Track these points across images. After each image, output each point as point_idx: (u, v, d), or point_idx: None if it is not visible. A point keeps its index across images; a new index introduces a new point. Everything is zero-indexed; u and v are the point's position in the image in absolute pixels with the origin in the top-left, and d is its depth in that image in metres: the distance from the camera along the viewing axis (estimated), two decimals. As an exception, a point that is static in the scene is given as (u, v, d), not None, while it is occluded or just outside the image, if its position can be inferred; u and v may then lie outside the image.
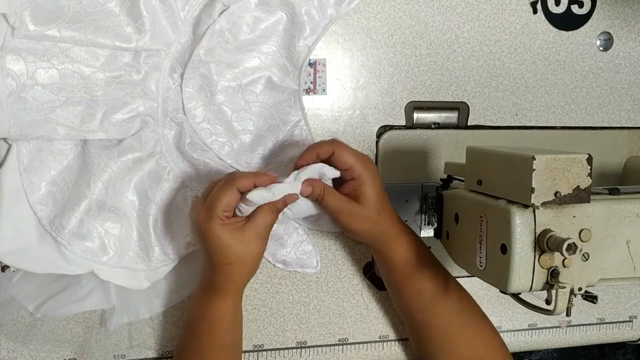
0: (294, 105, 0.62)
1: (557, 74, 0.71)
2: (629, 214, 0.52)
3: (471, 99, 0.69)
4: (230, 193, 0.52)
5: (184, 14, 0.59)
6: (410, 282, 0.61)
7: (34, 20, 0.53)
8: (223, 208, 0.52)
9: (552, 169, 0.47)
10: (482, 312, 0.64)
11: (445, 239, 0.62)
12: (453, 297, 0.61)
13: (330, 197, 0.56)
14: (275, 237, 0.65)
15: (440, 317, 0.61)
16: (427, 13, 0.66)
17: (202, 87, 0.60)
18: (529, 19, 0.69)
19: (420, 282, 0.61)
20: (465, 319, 0.62)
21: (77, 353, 0.63)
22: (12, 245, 0.56)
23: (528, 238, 0.48)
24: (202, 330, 0.57)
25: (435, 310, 0.61)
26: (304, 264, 0.66)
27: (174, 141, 0.61)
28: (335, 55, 0.65)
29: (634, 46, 0.73)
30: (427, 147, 0.68)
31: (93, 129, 0.57)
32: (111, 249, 0.59)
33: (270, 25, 0.60)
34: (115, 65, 0.57)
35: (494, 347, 0.62)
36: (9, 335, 0.61)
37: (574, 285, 0.49)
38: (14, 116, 0.54)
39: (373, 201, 0.57)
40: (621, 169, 0.74)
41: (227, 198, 0.52)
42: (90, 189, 0.57)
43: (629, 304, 0.78)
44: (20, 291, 0.59)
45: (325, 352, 0.69)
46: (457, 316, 0.61)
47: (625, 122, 0.74)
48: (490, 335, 0.62)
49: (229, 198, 0.52)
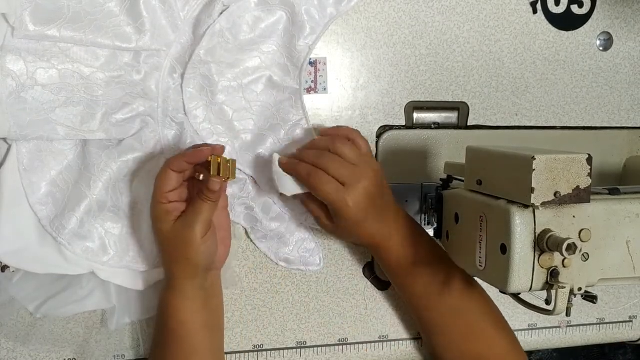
0: (295, 104, 0.62)
1: (557, 74, 0.71)
2: (629, 214, 0.52)
3: (471, 99, 0.69)
4: (167, 174, 0.53)
5: (184, 14, 0.59)
6: (407, 281, 0.61)
7: (34, 20, 0.53)
8: (162, 189, 0.53)
9: (552, 169, 0.47)
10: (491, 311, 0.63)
11: (445, 239, 0.62)
12: (453, 295, 0.61)
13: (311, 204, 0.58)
14: (277, 235, 0.65)
15: (439, 315, 0.61)
16: (427, 13, 0.66)
17: (203, 88, 0.60)
18: (529, 19, 0.69)
19: (415, 284, 0.61)
20: (468, 319, 0.61)
21: (77, 353, 0.63)
22: (12, 245, 0.56)
23: (528, 238, 0.48)
24: (163, 330, 0.56)
25: (435, 308, 0.61)
26: (307, 262, 0.66)
27: (174, 141, 0.61)
28: (335, 55, 0.65)
29: (634, 46, 0.73)
30: (427, 147, 0.68)
31: (93, 129, 0.57)
32: (112, 249, 0.59)
33: (271, 24, 0.60)
34: (115, 66, 0.57)
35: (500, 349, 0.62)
36: (9, 336, 0.61)
37: (573, 285, 0.49)
38: (14, 116, 0.54)
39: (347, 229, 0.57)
40: (621, 169, 0.74)
41: (164, 179, 0.53)
42: (90, 189, 0.57)
43: (629, 304, 0.78)
44: (21, 291, 0.59)
45: (325, 352, 0.69)
46: (456, 316, 0.61)
47: (625, 122, 0.74)
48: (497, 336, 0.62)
49: (166, 179, 0.53)
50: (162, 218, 0.53)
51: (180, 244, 0.53)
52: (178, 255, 0.54)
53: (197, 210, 0.53)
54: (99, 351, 0.63)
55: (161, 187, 0.53)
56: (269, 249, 0.65)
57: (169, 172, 0.53)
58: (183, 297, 0.55)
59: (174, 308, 0.55)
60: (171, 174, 0.53)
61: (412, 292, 0.62)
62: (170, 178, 0.53)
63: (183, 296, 0.55)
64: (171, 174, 0.53)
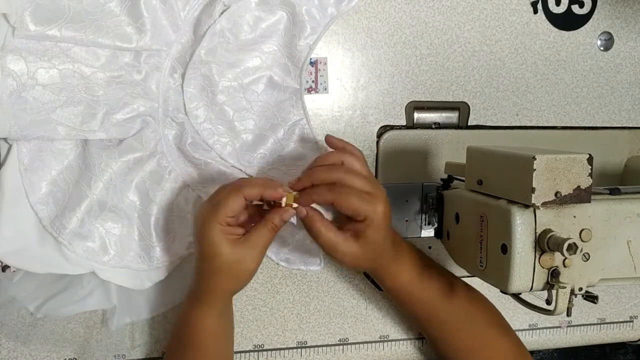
0: (295, 104, 0.62)
1: (557, 74, 0.71)
2: (630, 214, 0.52)
3: (472, 98, 0.69)
4: (236, 199, 0.51)
5: (185, 14, 0.59)
6: (415, 290, 0.60)
7: (34, 20, 0.53)
8: (226, 213, 0.51)
9: (552, 169, 0.47)
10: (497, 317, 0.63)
11: (445, 239, 0.62)
12: (460, 300, 0.61)
13: (326, 231, 0.52)
14: (278, 235, 0.64)
15: (447, 321, 0.61)
16: (428, 13, 0.66)
17: (204, 88, 0.60)
18: (530, 19, 0.69)
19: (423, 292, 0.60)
20: (475, 325, 0.61)
21: (78, 353, 0.63)
22: (12, 245, 0.56)
23: (528, 238, 0.48)
24: (184, 340, 0.56)
25: (443, 313, 0.61)
26: (307, 261, 0.66)
27: (174, 141, 0.61)
28: (335, 55, 0.65)
29: (635, 46, 0.73)
30: (428, 147, 0.68)
31: (94, 129, 0.57)
32: (112, 249, 0.59)
33: (271, 24, 0.60)
34: (115, 65, 0.57)
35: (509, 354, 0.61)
36: (9, 335, 0.61)
37: (574, 285, 0.49)
38: (15, 116, 0.54)
39: (374, 244, 0.54)
40: (622, 169, 0.74)
41: (232, 203, 0.51)
42: (91, 189, 0.57)
43: (629, 304, 0.78)
44: (21, 291, 0.59)
45: (325, 352, 0.69)
46: (464, 322, 0.61)
47: (626, 122, 0.74)
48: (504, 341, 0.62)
49: (234, 204, 0.51)
50: (220, 241, 0.51)
51: (240, 269, 0.52)
52: (231, 279, 0.53)
53: (263, 238, 0.52)
54: (99, 351, 0.63)
55: (226, 209, 0.51)
56: (270, 249, 0.65)
57: (241, 198, 0.51)
58: (213, 314, 0.55)
59: (202, 324, 0.55)
60: (242, 200, 0.51)
61: (420, 299, 0.61)
62: (240, 204, 0.51)
63: (217, 314, 0.55)
64: (242, 200, 0.51)
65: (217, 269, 0.52)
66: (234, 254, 0.52)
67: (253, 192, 0.51)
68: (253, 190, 0.51)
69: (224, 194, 0.52)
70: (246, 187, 0.51)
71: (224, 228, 0.52)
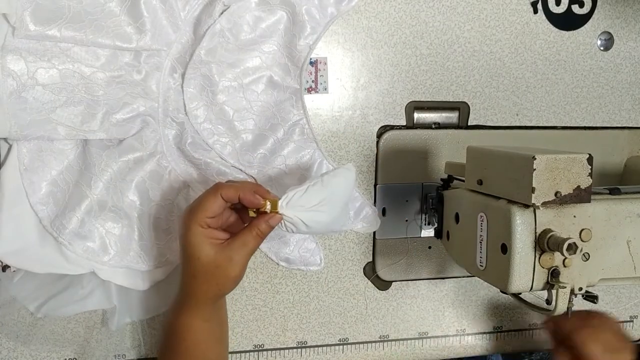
0: (295, 104, 0.62)
1: (557, 73, 0.71)
2: (630, 213, 0.52)
3: (472, 98, 0.69)
4: (214, 199, 0.51)
5: (185, 14, 0.59)
6: None
7: (34, 20, 0.53)
8: (206, 214, 0.50)
9: (552, 168, 0.47)
10: None
11: (445, 238, 0.62)
12: None
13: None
14: (278, 235, 0.65)
15: None
16: (428, 13, 0.66)
17: (204, 88, 0.60)
18: (530, 19, 0.69)
19: None
20: None
21: (78, 353, 0.63)
22: (12, 245, 0.56)
23: (528, 238, 0.48)
24: (169, 344, 0.55)
25: None
26: (308, 261, 0.66)
27: (174, 141, 0.61)
28: (335, 55, 0.65)
29: (635, 46, 0.73)
30: (428, 147, 0.68)
31: (94, 129, 0.57)
32: (112, 249, 0.59)
33: (271, 24, 0.60)
34: (115, 65, 0.57)
35: None
36: (9, 335, 0.61)
37: (574, 285, 0.49)
38: (15, 116, 0.54)
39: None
40: (622, 168, 0.74)
41: (210, 204, 0.51)
42: (91, 189, 0.57)
43: (629, 304, 0.78)
44: (21, 291, 0.59)
45: (325, 352, 0.69)
46: None
47: (626, 122, 0.74)
48: None
49: (213, 204, 0.51)
50: (199, 243, 0.51)
51: (220, 275, 0.51)
52: (211, 283, 0.52)
53: (248, 245, 0.51)
54: (99, 351, 0.63)
55: (206, 210, 0.50)
56: (270, 249, 0.65)
57: (219, 198, 0.51)
58: (201, 318, 0.54)
59: (189, 329, 0.54)
60: (220, 200, 0.51)
61: None
62: (219, 204, 0.51)
63: (201, 318, 0.54)
64: (220, 200, 0.51)
65: (196, 272, 0.51)
66: (215, 258, 0.51)
67: (230, 192, 0.51)
68: (230, 191, 0.51)
69: (203, 195, 0.52)
70: (224, 188, 0.51)
71: (205, 231, 0.51)
